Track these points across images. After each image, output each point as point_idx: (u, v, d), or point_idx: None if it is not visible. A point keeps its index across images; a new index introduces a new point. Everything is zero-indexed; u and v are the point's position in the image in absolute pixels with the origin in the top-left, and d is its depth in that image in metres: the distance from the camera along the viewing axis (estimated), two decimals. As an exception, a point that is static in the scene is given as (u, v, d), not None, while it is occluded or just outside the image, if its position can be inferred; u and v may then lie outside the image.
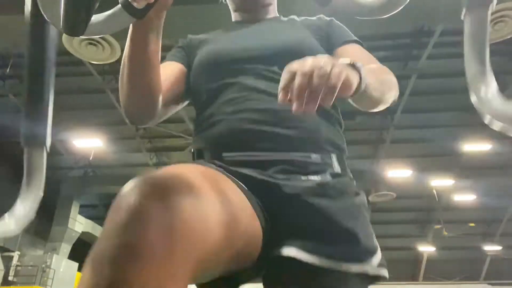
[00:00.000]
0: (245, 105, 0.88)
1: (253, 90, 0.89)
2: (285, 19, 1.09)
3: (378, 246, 0.80)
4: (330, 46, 0.99)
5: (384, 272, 0.78)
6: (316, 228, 0.76)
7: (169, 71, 0.97)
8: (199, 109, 0.97)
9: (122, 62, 0.87)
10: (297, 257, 0.73)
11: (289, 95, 0.63)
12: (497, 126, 0.57)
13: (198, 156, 0.90)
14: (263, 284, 0.80)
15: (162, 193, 0.50)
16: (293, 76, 0.62)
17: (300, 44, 0.95)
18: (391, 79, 0.88)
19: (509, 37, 6.47)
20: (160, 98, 0.90)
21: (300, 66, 0.62)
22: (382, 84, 0.82)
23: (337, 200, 0.79)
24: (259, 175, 0.80)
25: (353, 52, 0.96)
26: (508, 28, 6.28)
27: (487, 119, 0.59)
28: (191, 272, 0.51)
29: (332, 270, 0.72)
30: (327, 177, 0.82)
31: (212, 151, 0.87)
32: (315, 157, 0.84)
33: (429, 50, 8.13)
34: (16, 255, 11.27)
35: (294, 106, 0.62)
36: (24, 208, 0.70)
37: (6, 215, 0.75)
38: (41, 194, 0.72)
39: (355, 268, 0.74)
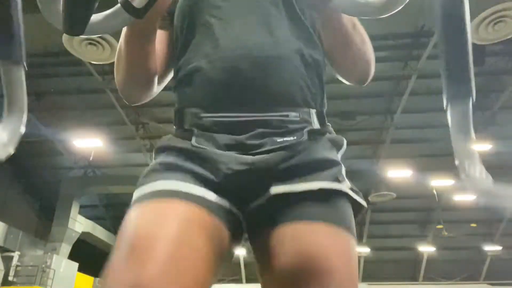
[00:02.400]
0: (222, 51, 0.82)
1: (231, 32, 0.84)
2: None
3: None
4: None
5: (362, 201, 0.81)
6: (295, 170, 0.77)
7: (158, 43, 0.91)
8: (178, 53, 0.92)
9: (118, 48, 0.86)
10: (289, 190, 0.75)
11: None
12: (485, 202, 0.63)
13: (179, 121, 0.86)
14: (250, 239, 0.81)
15: None
16: None
17: None
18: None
19: (509, 37, 6.48)
20: (156, 79, 0.89)
21: None
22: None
23: (311, 144, 0.81)
24: (232, 141, 0.78)
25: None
26: (508, 28, 6.29)
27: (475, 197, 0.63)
28: None
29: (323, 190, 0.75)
30: (304, 137, 0.80)
31: (191, 112, 0.84)
32: (293, 115, 0.81)
33: (429, 50, 8.13)
34: (16, 255, 11.27)
35: None
36: (9, 132, 0.65)
37: None
38: (25, 116, 0.67)
39: (341, 185, 0.77)
